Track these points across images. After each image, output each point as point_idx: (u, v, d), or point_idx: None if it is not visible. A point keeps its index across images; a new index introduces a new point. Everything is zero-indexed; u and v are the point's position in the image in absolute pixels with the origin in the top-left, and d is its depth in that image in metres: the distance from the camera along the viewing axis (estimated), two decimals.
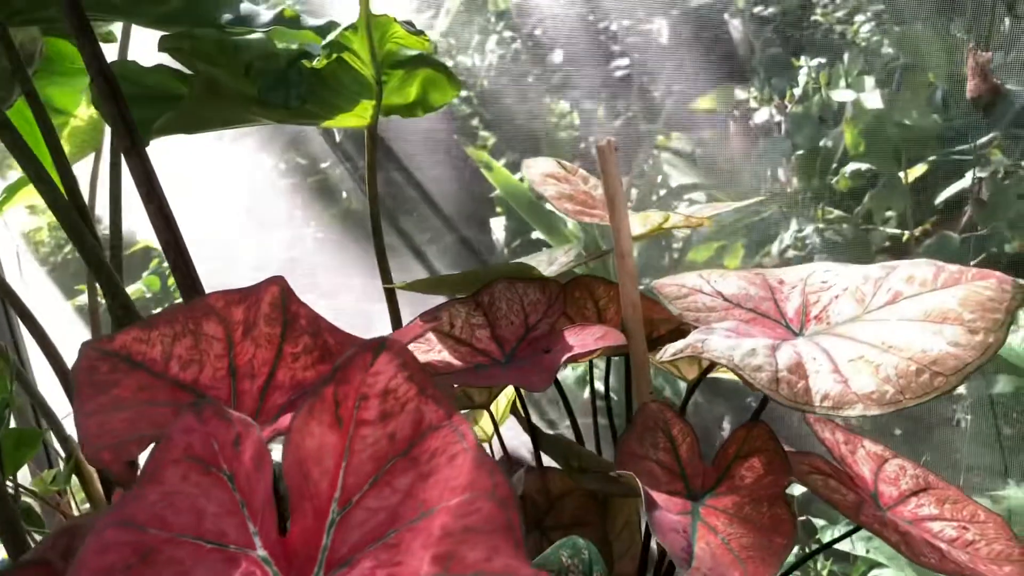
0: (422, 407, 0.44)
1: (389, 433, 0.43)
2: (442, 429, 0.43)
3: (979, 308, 0.56)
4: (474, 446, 0.42)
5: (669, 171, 2.14)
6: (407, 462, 0.43)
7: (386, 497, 0.42)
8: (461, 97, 2.48)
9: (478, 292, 0.73)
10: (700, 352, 0.57)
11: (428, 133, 2.05)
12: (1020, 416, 1.43)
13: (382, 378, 0.44)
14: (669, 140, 2.12)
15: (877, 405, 0.53)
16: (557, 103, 2.30)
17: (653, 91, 2.11)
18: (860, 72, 1.98)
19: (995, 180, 1.76)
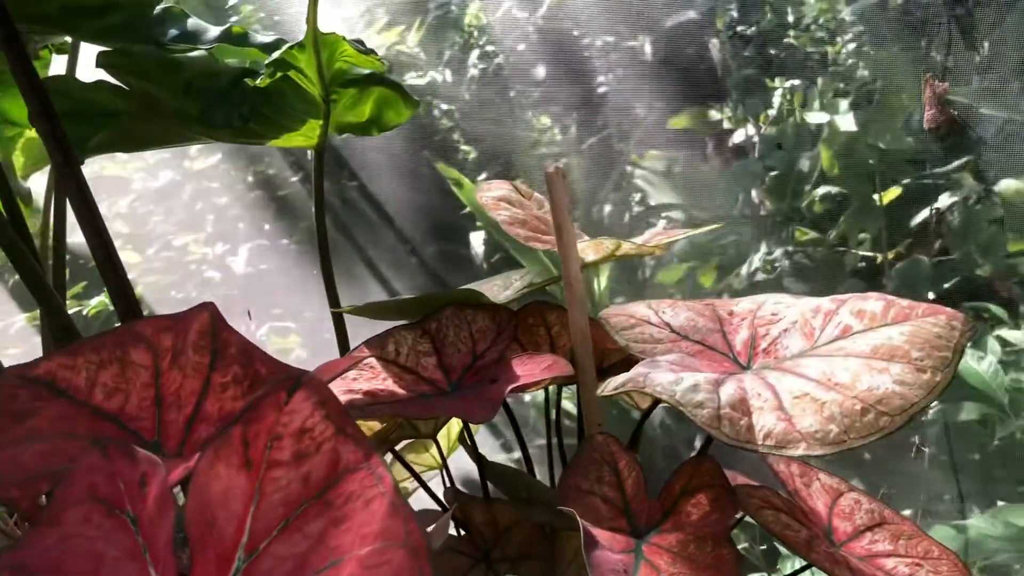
0: (339, 448, 0.42)
1: (303, 475, 0.41)
2: (359, 471, 0.41)
3: (927, 346, 0.55)
4: (391, 490, 0.40)
5: (646, 188, 2.13)
6: (320, 506, 0.41)
7: (296, 543, 0.40)
8: (441, 111, 2.47)
9: (426, 318, 0.71)
10: (642, 387, 0.55)
11: (400, 147, 2.04)
12: (987, 441, 1.43)
13: (298, 417, 0.42)
14: (644, 158, 2.11)
15: (821, 445, 0.52)
16: (538, 118, 2.29)
17: (630, 109, 2.11)
18: (835, 94, 1.98)
19: (966, 205, 1.76)
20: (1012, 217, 1.70)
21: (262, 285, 1.88)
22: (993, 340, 1.52)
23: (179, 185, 1.89)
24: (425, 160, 1.98)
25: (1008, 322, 1.57)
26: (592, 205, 2.14)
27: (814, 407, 0.53)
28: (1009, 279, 1.69)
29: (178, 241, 1.86)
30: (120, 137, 0.70)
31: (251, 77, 0.71)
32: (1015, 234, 1.70)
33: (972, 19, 1.59)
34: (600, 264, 0.73)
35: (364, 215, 1.91)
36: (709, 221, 1.86)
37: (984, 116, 1.67)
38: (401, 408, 0.63)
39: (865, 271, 1.89)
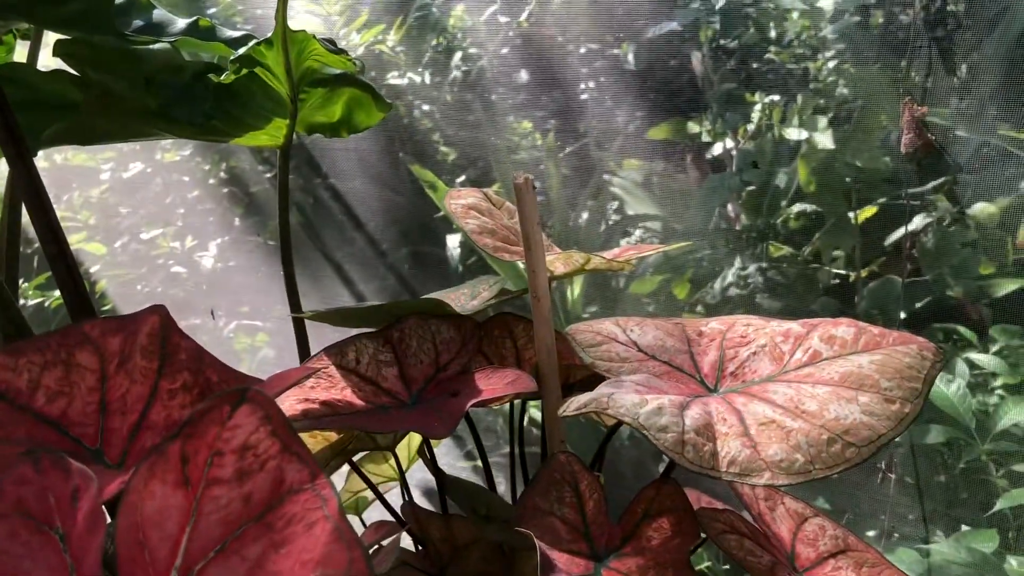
0: (284, 466, 0.40)
1: (244, 494, 0.39)
2: (304, 492, 0.39)
3: (897, 376, 0.54)
4: (336, 514, 0.38)
5: (624, 197, 2.12)
6: (261, 528, 0.39)
7: (233, 567, 0.38)
8: (422, 111, 2.45)
9: (389, 327, 0.69)
10: (605, 408, 0.54)
11: (376, 148, 2.02)
12: (952, 464, 1.43)
13: (241, 432, 0.40)
14: (622, 168, 2.10)
15: (785, 474, 0.50)
16: (520, 123, 2.27)
17: (611, 117, 2.10)
18: (814, 111, 1.98)
19: (940, 227, 1.76)
20: (985, 240, 1.71)
21: (230, 282, 1.84)
22: (962, 362, 1.52)
23: (149, 177, 1.85)
24: (401, 161, 1.96)
25: (977, 345, 1.58)
26: (569, 212, 2.13)
27: (780, 435, 0.52)
28: (979, 302, 1.70)
29: (146, 234, 1.82)
30: (77, 130, 0.68)
31: (216, 73, 0.69)
32: (987, 257, 1.71)
33: (952, 42, 1.60)
34: (569, 277, 0.72)
35: (335, 216, 1.89)
36: (685, 233, 1.86)
37: (960, 139, 1.67)
38: (358, 421, 0.61)
39: (838, 289, 1.89)
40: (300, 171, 1.90)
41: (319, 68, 0.72)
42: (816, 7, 1.92)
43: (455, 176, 2.21)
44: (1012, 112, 1.54)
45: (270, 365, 1.68)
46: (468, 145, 2.20)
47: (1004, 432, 1.33)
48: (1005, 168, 1.66)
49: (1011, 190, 1.65)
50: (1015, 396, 1.39)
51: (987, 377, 1.53)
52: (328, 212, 1.91)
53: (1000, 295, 1.62)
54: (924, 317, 1.68)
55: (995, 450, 1.31)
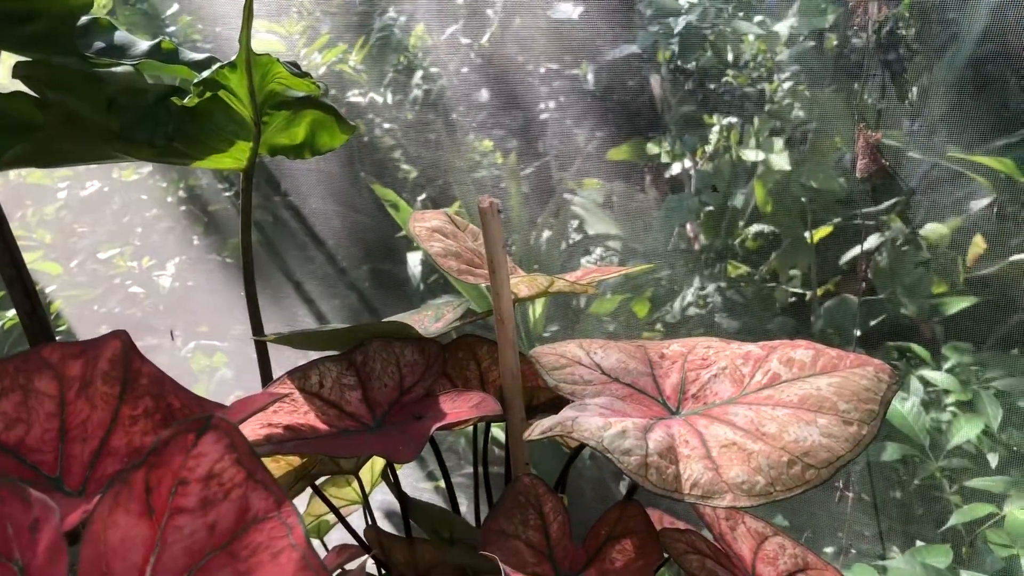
0: (249, 494, 0.40)
1: (209, 523, 0.39)
2: (269, 521, 0.39)
3: (854, 398, 0.55)
4: (302, 542, 0.38)
5: (584, 217, 2.14)
6: (226, 557, 0.38)
7: None
8: (384, 129, 2.45)
9: (352, 350, 0.69)
10: (570, 431, 0.54)
11: (337, 166, 2.01)
12: (907, 481, 1.45)
13: (206, 461, 0.40)
14: (582, 187, 2.12)
15: (747, 496, 0.51)
16: (480, 141, 2.29)
17: (572, 137, 2.11)
18: (770, 133, 2.02)
19: (894, 247, 1.80)
20: (937, 260, 1.75)
21: (189, 302, 1.82)
22: (916, 380, 1.55)
23: (107, 196, 1.83)
24: (362, 180, 1.96)
25: (930, 363, 1.61)
26: (530, 232, 2.14)
27: (741, 457, 0.53)
28: (932, 320, 1.73)
29: (103, 254, 1.80)
30: (36, 151, 0.67)
31: (179, 96, 0.68)
32: (939, 276, 1.75)
33: (903, 65, 1.64)
34: (533, 299, 0.72)
35: (296, 234, 1.88)
36: (646, 254, 1.87)
37: (912, 160, 1.71)
38: (322, 445, 0.61)
39: (794, 307, 1.92)
40: (260, 189, 1.89)
41: (283, 91, 0.72)
42: (772, 31, 1.96)
43: (416, 194, 2.22)
44: (961, 134, 1.58)
45: (228, 386, 1.66)
46: (429, 163, 2.21)
47: (956, 449, 1.36)
48: (955, 189, 1.70)
49: (961, 210, 1.69)
50: (967, 413, 1.42)
51: (940, 394, 1.56)
52: (288, 230, 1.90)
53: (952, 313, 1.66)
54: (879, 335, 1.71)
55: (948, 467, 1.34)
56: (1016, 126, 1.56)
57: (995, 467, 1.36)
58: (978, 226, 1.63)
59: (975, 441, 1.40)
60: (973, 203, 1.69)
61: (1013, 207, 1.59)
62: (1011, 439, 1.45)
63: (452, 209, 2.08)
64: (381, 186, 1.62)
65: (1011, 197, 1.58)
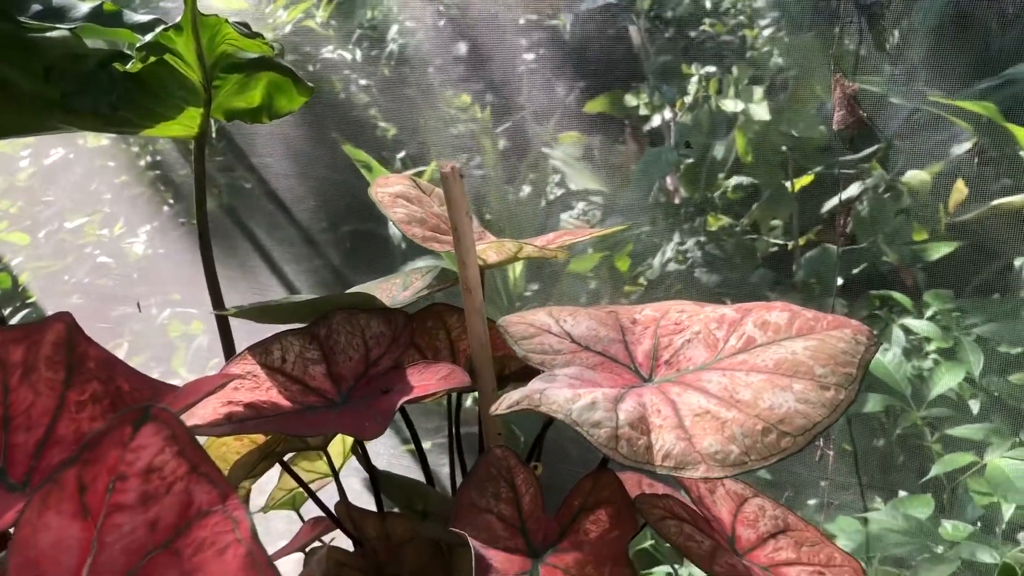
0: (192, 488, 0.38)
1: (150, 520, 0.37)
2: (214, 515, 0.37)
3: (831, 362, 0.53)
4: (248, 537, 0.36)
5: (564, 171, 2.10)
6: (169, 555, 0.36)
7: None
8: (359, 86, 2.39)
9: (315, 323, 0.67)
10: (537, 405, 0.52)
11: (310, 126, 1.97)
12: (889, 431, 1.45)
13: (145, 454, 0.38)
14: (561, 141, 2.08)
15: (720, 467, 0.49)
16: (459, 96, 2.24)
17: (551, 89, 2.07)
18: (749, 82, 1.98)
19: (875, 194, 1.78)
20: (917, 207, 1.73)
21: (162, 270, 1.79)
22: (897, 329, 1.54)
23: (72, 163, 1.78)
24: (335, 141, 1.91)
25: (911, 311, 1.60)
26: (508, 188, 2.10)
27: (715, 426, 0.51)
28: (913, 267, 1.72)
29: (71, 223, 1.76)
30: None
31: (122, 61, 0.65)
32: (920, 223, 1.73)
33: (882, 9, 1.60)
34: (502, 266, 0.70)
35: (266, 200, 1.84)
36: (625, 208, 1.85)
37: (892, 106, 1.68)
38: (284, 424, 0.59)
39: (776, 258, 1.90)
40: (229, 154, 1.85)
41: (234, 53, 0.69)
42: None
43: (396, 152, 2.17)
44: (942, 78, 1.56)
45: (206, 354, 1.63)
46: (406, 121, 2.16)
47: (938, 398, 1.35)
48: (936, 134, 1.68)
49: (942, 156, 1.67)
50: (948, 361, 1.41)
51: (921, 342, 1.55)
52: (259, 196, 1.86)
53: (933, 260, 1.64)
54: (860, 284, 1.70)
55: (930, 416, 1.34)
56: (997, 68, 1.53)
57: (976, 414, 1.36)
58: (959, 171, 1.61)
59: (957, 389, 1.40)
60: (954, 148, 1.66)
61: (994, 151, 1.57)
62: (992, 385, 1.45)
63: (430, 168, 2.05)
64: (353, 147, 1.58)
65: (992, 141, 1.56)
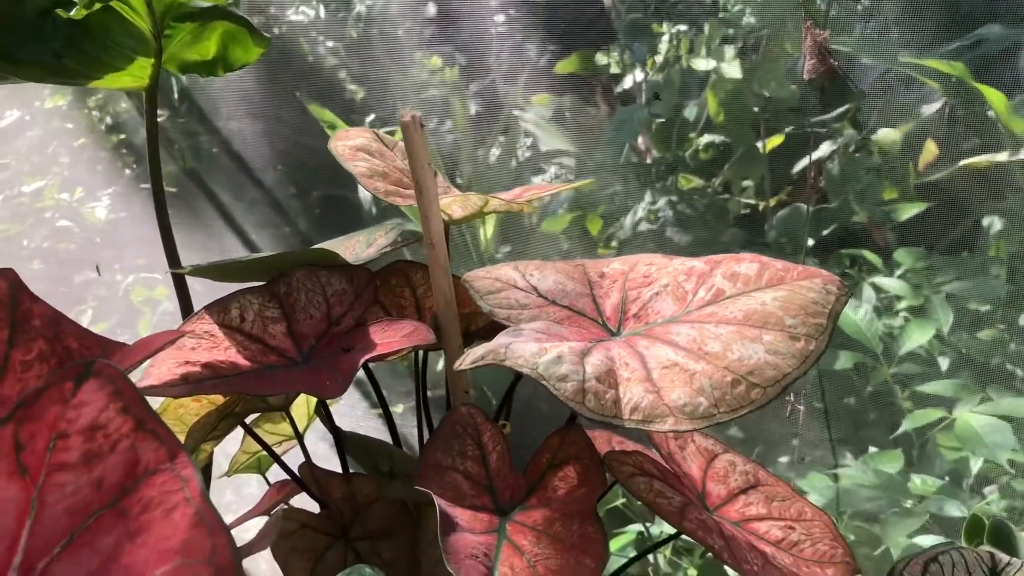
0: (138, 445, 0.36)
1: (95, 480, 0.35)
2: (162, 473, 0.36)
3: (802, 312, 0.52)
4: (198, 496, 0.35)
5: (535, 133, 2.08)
6: (114, 515, 0.35)
7: (84, 561, 0.34)
8: (327, 48, 2.35)
9: (275, 281, 0.65)
10: (502, 360, 0.51)
11: (277, 87, 1.93)
12: (860, 388, 1.46)
13: (88, 411, 0.36)
14: (532, 103, 2.06)
15: (689, 419, 0.49)
16: (429, 58, 2.20)
17: (522, 51, 2.04)
18: (721, 41, 1.96)
19: (846, 153, 1.78)
20: (888, 166, 1.73)
21: (124, 234, 1.75)
22: (868, 287, 1.54)
23: (27, 125, 1.73)
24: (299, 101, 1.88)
25: (882, 269, 1.60)
26: (479, 150, 2.08)
27: (683, 378, 0.50)
28: (883, 226, 1.72)
29: (29, 187, 1.71)
30: None
31: (65, 7, 0.62)
32: (890, 182, 1.73)
33: None
34: (468, 221, 0.68)
35: (232, 163, 1.80)
36: (597, 169, 1.83)
37: (864, 65, 1.68)
38: (242, 383, 0.57)
39: (748, 219, 1.90)
40: (193, 114, 1.80)
41: (186, 1, 0.66)
42: None
43: (365, 116, 2.14)
44: (913, 38, 1.55)
45: (172, 318, 1.60)
46: (375, 83, 2.13)
47: (908, 355, 1.36)
48: (906, 94, 1.67)
49: (912, 115, 1.66)
50: (918, 319, 1.42)
51: (892, 300, 1.56)
52: (224, 160, 1.82)
53: (903, 219, 1.64)
54: (831, 243, 1.70)
55: (900, 373, 1.34)
56: (967, 28, 1.53)
57: (946, 370, 1.36)
58: (929, 131, 1.60)
59: (926, 346, 1.41)
60: (924, 108, 1.66)
61: (964, 111, 1.57)
62: (960, 342, 1.46)
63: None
64: (319, 107, 1.55)
65: (961, 101, 1.56)
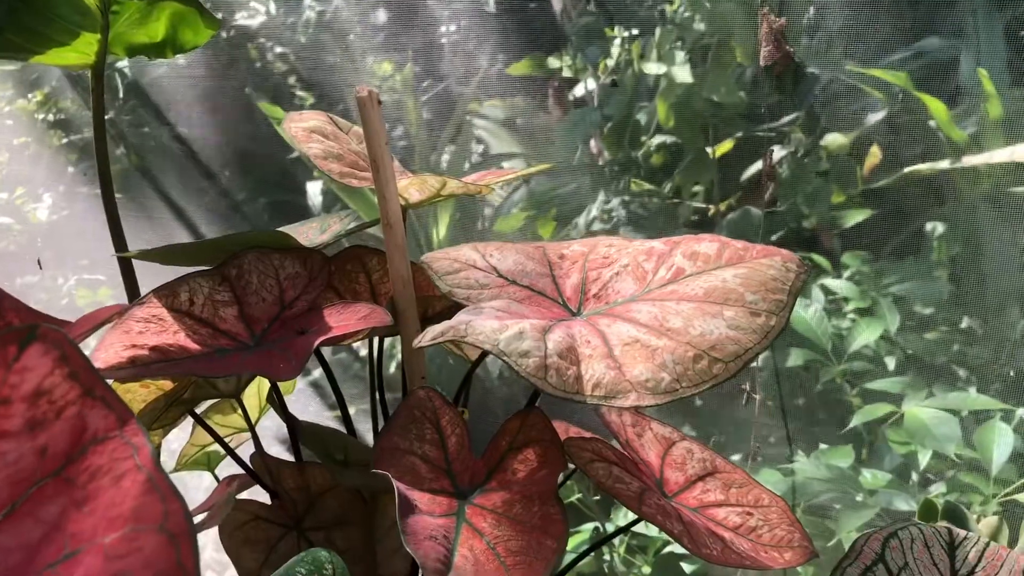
0: (85, 412, 0.34)
1: (38, 447, 0.34)
2: (110, 441, 0.34)
3: (762, 288, 0.52)
4: (149, 463, 0.33)
5: (487, 138, 2.08)
6: (60, 484, 0.33)
7: (27, 531, 0.32)
8: (276, 54, 2.32)
9: (225, 263, 0.63)
10: (463, 336, 0.50)
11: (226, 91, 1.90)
12: (811, 386, 1.47)
13: (32, 376, 0.34)
14: (484, 107, 2.06)
15: (651, 394, 0.48)
16: (380, 64, 2.18)
17: (473, 59, 2.04)
18: (672, 46, 1.98)
19: (795, 158, 1.80)
20: (836, 170, 1.76)
21: (67, 233, 1.70)
22: (817, 289, 1.57)
23: None
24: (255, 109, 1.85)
25: (830, 272, 1.63)
26: (431, 154, 2.07)
27: (645, 354, 0.49)
28: (832, 230, 1.75)
29: None
30: None
31: None
32: (838, 186, 1.76)
33: None
34: (425, 205, 0.67)
35: (182, 163, 1.76)
36: (550, 171, 1.84)
37: (811, 76, 1.71)
38: (192, 366, 0.55)
39: (698, 223, 1.91)
40: (141, 115, 1.76)
41: None
42: None
43: None
44: (857, 49, 1.58)
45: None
46: (326, 89, 2.11)
47: (857, 353, 1.38)
48: (851, 102, 1.71)
49: (857, 124, 1.70)
50: (866, 318, 1.44)
51: (840, 302, 1.58)
52: (174, 160, 1.78)
53: (849, 226, 1.67)
54: (781, 246, 1.71)
55: (850, 370, 1.36)
56: (910, 39, 1.56)
57: (892, 370, 1.39)
58: (873, 139, 1.64)
59: (874, 346, 1.43)
60: (869, 116, 1.70)
61: (906, 119, 1.61)
62: (907, 343, 1.48)
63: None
64: (269, 104, 1.52)
65: (904, 109, 1.60)
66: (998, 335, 1.42)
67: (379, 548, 0.64)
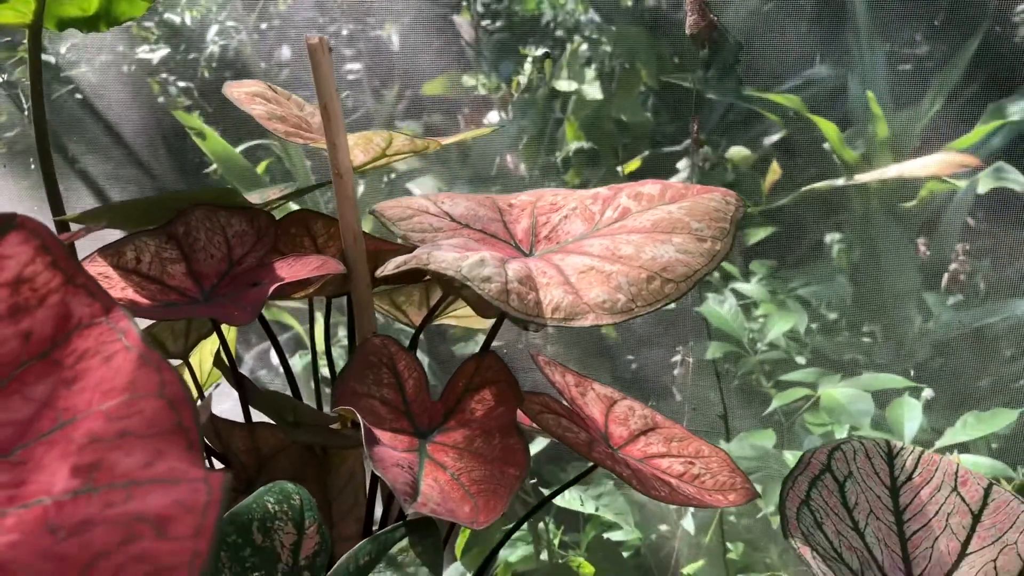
0: (69, 300, 0.34)
1: (23, 332, 0.33)
2: (96, 327, 0.34)
3: (706, 217, 0.55)
4: (138, 344, 0.33)
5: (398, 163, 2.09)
6: (47, 365, 0.33)
7: (15, 410, 0.32)
8: (179, 88, 2.28)
9: (171, 222, 0.63)
10: (426, 264, 0.51)
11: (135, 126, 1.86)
12: (732, 374, 1.52)
13: (13, 264, 0.34)
14: (400, 131, 2.07)
15: (609, 314, 0.50)
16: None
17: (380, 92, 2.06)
18: (582, 64, 2.05)
19: (703, 170, 1.87)
20: (741, 180, 1.83)
21: None
22: (729, 292, 1.62)
23: None
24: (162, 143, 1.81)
25: (740, 278, 1.69)
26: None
27: (600, 278, 0.51)
28: (737, 248, 1.82)
29: None
30: None
31: None
32: (744, 197, 1.84)
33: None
34: (370, 168, 0.68)
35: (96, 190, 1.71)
36: (470, 181, 1.86)
37: (710, 101, 1.80)
38: (143, 315, 0.55)
39: None
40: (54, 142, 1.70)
41: None
42: None
43: None
44: (754, 75, 1.68)
45: None
46: (231, 123, 2.09)
47: (770, 345, 1.43)
48: (750, 127, 1.81)
49: (757, 147, 1.79)
50: (778, 311, 1.50)
51: (751, 306, 1.64)
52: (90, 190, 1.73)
53: (751, 244, 1.75)
54: None
55: (766, 359, 1.41)
56: (800, 69, 1.67)
57: (804, 365, 1.45)
58: (773, 158, 1.73)
59: (785, 346, 1.49)
60: (767, 139, 1.79)
61: (801, 140, 1.70)
62: (815, 342, 1.55)
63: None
64: (184, 113, 1.50)
65: (798, 131, 1.69)
66: (897, 332, 1.50)
67: (335, 505, 0.64)
